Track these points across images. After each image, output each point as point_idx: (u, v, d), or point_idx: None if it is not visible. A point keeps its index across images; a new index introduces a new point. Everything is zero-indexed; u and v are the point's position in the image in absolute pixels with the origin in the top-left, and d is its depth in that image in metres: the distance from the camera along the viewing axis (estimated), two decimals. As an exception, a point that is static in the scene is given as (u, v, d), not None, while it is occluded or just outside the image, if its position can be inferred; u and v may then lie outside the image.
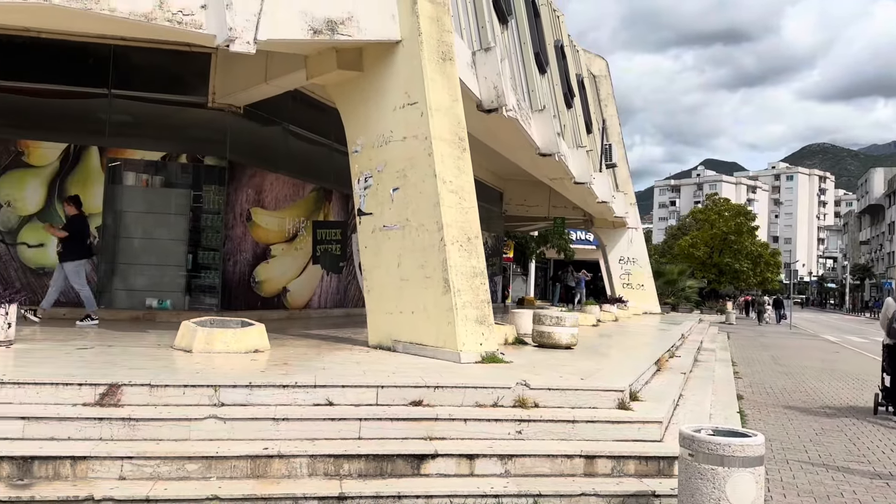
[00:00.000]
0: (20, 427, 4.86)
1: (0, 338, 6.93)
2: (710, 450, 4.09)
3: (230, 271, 11.88)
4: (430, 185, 7.81)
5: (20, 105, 10.83)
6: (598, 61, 26.81)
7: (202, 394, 5.38)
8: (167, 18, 6.94)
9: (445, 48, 8.15)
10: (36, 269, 10.78)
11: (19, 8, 7.15)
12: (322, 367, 6.59)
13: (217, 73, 11.21)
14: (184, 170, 11.81)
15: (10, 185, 10.74)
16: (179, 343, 7.46)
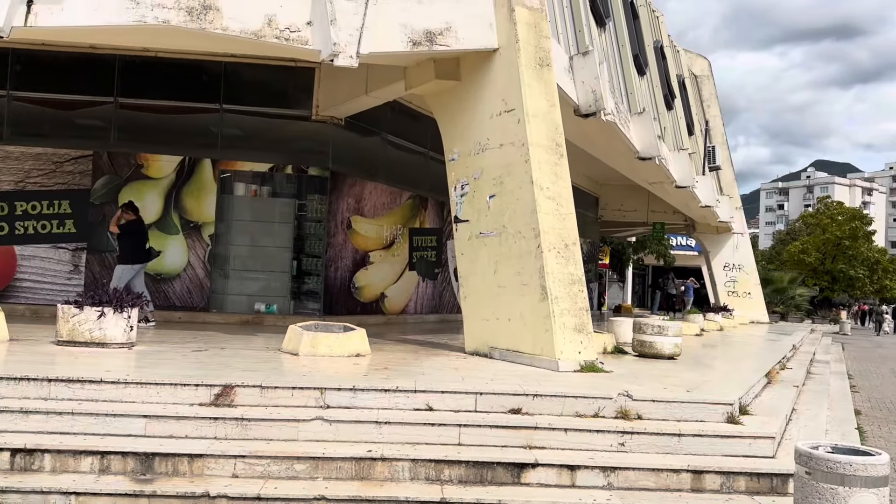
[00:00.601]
0: (142, 425, 5.19)
1: (122, 340, 7.42)
2: (830, 468, 3.86)
3: (332, 277, 12.25)
4: (526, 191, 7.78)
5: (140, 120, 11.60)
6: (699, 61, 25.93)
7: (309, 396, 5.57)
8: (275, 35, 7.27)
9: (543, 54, 8.11)
10: (154, 275, 11.49)
11: (141, 29, 7.66)
12: (421, 373, 6.68)
13: (320, 87, 11.62)
14: (289, 180, 12.30)
15: (131, 195, 11.48)
16: (287, 346, 7.76)
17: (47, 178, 11.35)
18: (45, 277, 11.26)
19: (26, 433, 5.01)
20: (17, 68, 11.24)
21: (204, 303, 11.63)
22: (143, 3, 7.26)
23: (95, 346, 7.18)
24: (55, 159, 11.35)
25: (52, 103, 11.36)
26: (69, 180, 11.37)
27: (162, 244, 11.50)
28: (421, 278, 14.64)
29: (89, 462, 4.83)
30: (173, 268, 11.57)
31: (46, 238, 11.27)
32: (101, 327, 7.20)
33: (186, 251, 11.60)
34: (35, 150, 11.31)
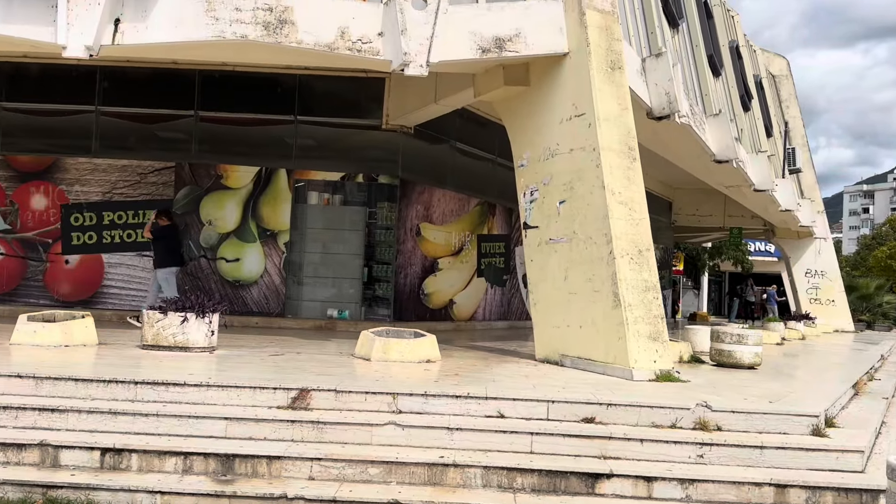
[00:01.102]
0: (223, 426, 5.36)
1: (204, 344, 7.70)
2: (929, 487, 3.64)
3: (401, 284, 12.38)
4: (598, 196, 7.67)
5: (219, 133, 12.03)
6: (777, 60, 25.01)
7: (382, 401, 5.64)
8: (348, 47, 7.42)
9: (614, 57, 8.00)
10: (233, 282, 11.88)
11: (220, 44, 7.96)
12: (492, 380, 6.66)
13: (390, 96, 11.78)
14: (359, 188, 12.52)
15: (212, 205, 11.94)
16: (359, 351, 7.88)
17: (132, 189, 11.90)
18: (130, 284, 11.80)
19: (115, 433, 5.25)
20: (104, 85, 11.84)
21: (280, 308, 11.94)
22: (222, 18, 7.54)
23: (178, 350, 7.47)
24: (140, 171, 11.90)
25: (136, 117, 11.92)
26: (153, 191, 11.90)
27: (240, 252, 11.88)
28: (489, 285, 14.62)
29: (173, 462, 5.01)
30: (251, 275, 11.93)
31: (131, 246, 11.81)
32: (184, 332, 7.49)
33: (263, 258, 11.95)
34: (121, 162, 11.89)
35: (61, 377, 5.67)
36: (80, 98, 11.75)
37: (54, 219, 11.81)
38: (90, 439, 5.11)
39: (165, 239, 10.63)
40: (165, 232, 10.71)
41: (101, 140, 11.86)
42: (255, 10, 7.46)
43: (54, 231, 11.81)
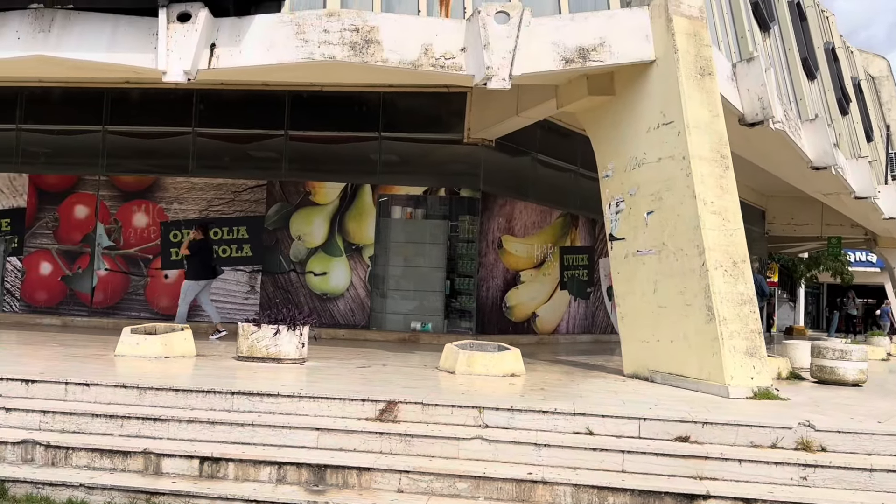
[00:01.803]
0: (315, 437, 5.48)
1: (295, 356, 7.91)
2: None
3: (483, 297, 12.37)
4: (688, 206, 7.44)
5: (308, 151, 12.41)
6: (876, 61, 23.68)
7: (468, 415, 5.63)
8: (431, 64, 7.52)
9: (704, 63, 7.77)
10: (321, 295, 12.18)
11: (309, 65, 8.22)
12: (579, 395, 6.55)
13: (472, 110, 11.85)
14: (441, 202, 12.62)
15: (301, 221, 12.30)
16: (444, 364, 7.91)
17: (227, 206, 12.41)
18: (225, 297, 12.28)
19: (213, 442, 5.45)
20: (200, 107, 12.43)
21: (365, 321, 12.15)
22: (311, 41, 7.80)
23: (271, 362, 7.71)
24: (234, 189, 12.40)
25: (230, 138, 12.45)
26: (246, 208, 12.37)
27: (327, 266, 12.18)
28: (572, 297, 14.40)
29: (268, 472, 5.16)
30: (337, 288, 12.21)
31: (227, 261, 12.30)
32: (277, 344, 7.72)
33: (349, 272, 12.20)
34: (216, 180, 12.43)
35: (163, 387, 5.94)
36: (178, 120, 12.38)
37: (154, 235, 12.45)
38: (190, 448, 5.32)
39: (201, 252, 10.85)
40: (199, 245, 10.91)
41: (197, 160, 12.45)
42: (342, 31, 7.68)
43: (154, 247, 12.45)
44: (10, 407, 5.75)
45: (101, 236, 12.51)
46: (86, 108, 12.46)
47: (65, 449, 5.34)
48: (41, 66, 9.25)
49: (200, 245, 10.82)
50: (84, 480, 5.02)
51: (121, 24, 8.41)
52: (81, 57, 8.45)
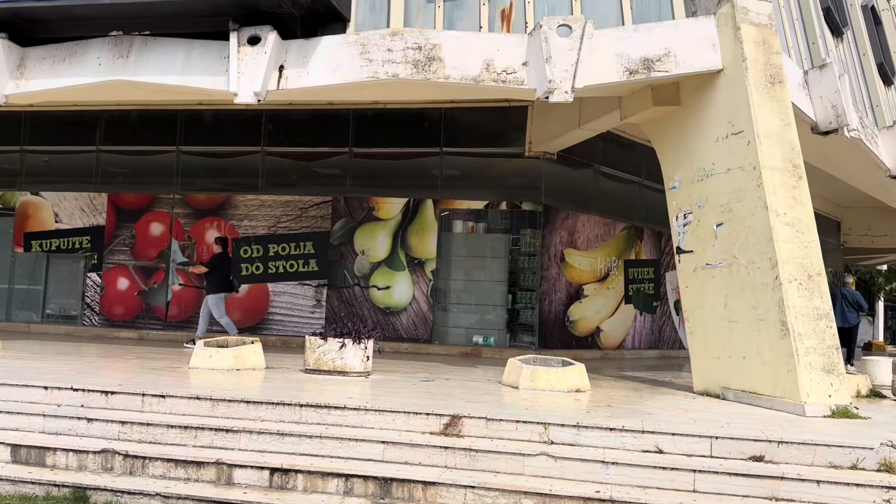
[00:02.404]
0: (381, 450, 5.53)
1: (360, 369, 8.02)
2: None
3: (546, 311, 12.27)
4: (760, 218, 7.23)
5: (371, 167, 12.62)
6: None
7: (532, 430, 5.59)
8: (493, 79, 7.56)
9: (774, 71, 7.56)
10: (384, 309, 12.32)
11: (373, 84, 8.38)
12: (647, 412, 6.41)
13: (533, 124, 11.83)
14: (503, 216, 12.61)
15: (364, 236, 12.50)
16: (507, 379, 7.88)
17: (294, 222, 12.72)
18: (292, 311, 12.56)
19: (282, 454, 5.57)
20: (269, 127, 12.81)
21: (427, 335, 12.21)
22: (374, 60, 7.96)
23: (337, 375, 7.84)
24: (301, 205, 12.71)
25: (297, 156, 12.78)
26: (312, 224, 12.66)
27: (390, 280, 12.32)
28: (638, 312, 14.13)
29: (335, 484, 5.23)
30: (400, 302, 12.33)
31: (294, 276, 12.60)
32: (342, 357, 7.85)
33: (412, 286, 12.31)
34: (284, 198, 12.76)
35: (234, 399, 6.11)
36: (248, 140, 12.79)
37: (226, 251, 12.85)
38: (260, 459, 5.45)
39: (221, 266, 11.06)
40: (220, 259, 11.12)
41: (266, 178, 12.82)
42: (405, 49, 7.81)
43: (225, 263, 12.85)
44: (92, 417, 6.01)
45: (175, 252, 13.00)
46: (161, 130, 13.01)
47: (142, 459, 5.55)
48: (120, 90, 9.72)
49: (220, 259, 11.09)
50: (160, 490, 5.21)
51: (194, 49, 8.78)
52: (157, 81, 8.85)
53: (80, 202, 13.42)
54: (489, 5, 8.83)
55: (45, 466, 5.63)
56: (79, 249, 13.36)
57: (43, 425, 6.03)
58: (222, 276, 11.00)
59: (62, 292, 13.52)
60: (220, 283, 10.95)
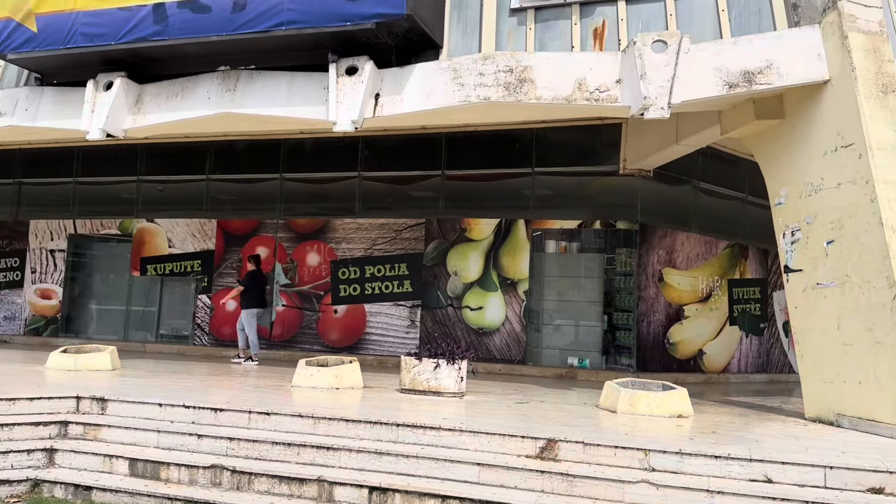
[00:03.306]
0: (476, 472, 5.53)
1: (454, 390, 8.06)
2: None
3: (644, 332, 11.94)
4: (875, 235, 6.80)
5: (463, 189, 12.77)
6: None
7: (632, 456, 5.45)
8: (585, 98, 7.52)
9: (886, 80, 7.13)
10: (477, 329, 12.35)
11: (465, 108, 8.51)
12: (755, 439, 6.12)
13: (627, 141, 11.64)
14: (597, 235, 12.42)
15: (457, 257, 12.62)
16: (604, 403, 7.71)
17: (389, 244, 13.01)
18: (388, 332, 12.81)
19: (380, 472, 5.67)
20: (365, 153, 13.21)
21: (521, 356, 12.14)
22: (466, 84, 8.08)
23: (432, 395, 7.91)
24: (395, 228, 12.99)
25: (392, 180, 13.10)
26: (406, 246, 12.90)
27: (483, 300, 12.36)
28: (744, 334, 13.52)
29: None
30: (493, 322, 12.33)
31: (389, 297, 12.86)
32: (437, 378, 7.93)
33: (504, 307, 12.29)
34: (379, 220, 13.09)
35: (334, 418, 6.28)
36: (345, 166, 13.23)
37: (325, 273, 13.29)
38: (360, 477, 5.57)
39: (255, 283, 11.64)
40: (254, 276, 11.71)
41: (362, 202, 13.20)
42: (496, 72, 7.90)
43: (325, 284, 13.28)
44: (202, 433, 6.33)
45: (278, 275, 13.55)
46: (265, 158, 13.66)
47: (248, 475, 5.78)
48: (228, 122, 10.31)
49: (254, 277, 11.73)
50: (266, 504, 5.41)
51: (296, 80, 9.21)
52: (262, 112, 9.32)
53: (191, 228, 14.25)
54: (581, 25, 8.81)
55: (160, 480, 5.96)
56: (190, 273, 14.16)
57: (158, 440, 6.40)
58: (256, 293, 11.64)
59: (175, 313, 14.35)
60: (253, 298, 11.60)
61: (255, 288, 11.67)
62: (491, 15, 9.22)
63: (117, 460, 6.15)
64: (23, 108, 10.72)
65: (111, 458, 6.17)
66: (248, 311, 11.57)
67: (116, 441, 6.46)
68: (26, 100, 10.76)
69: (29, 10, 10.31)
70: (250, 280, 11.71)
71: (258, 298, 11.69)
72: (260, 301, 11.75)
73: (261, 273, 12.01)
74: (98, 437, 6.54)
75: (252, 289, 11.61)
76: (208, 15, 9.26)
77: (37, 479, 6.03)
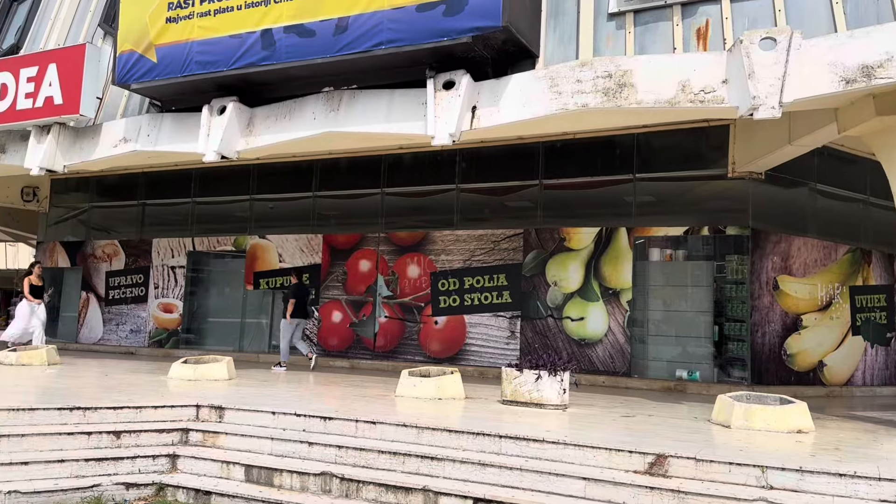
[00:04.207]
0: (581, 487, 5.43)
1: (557, 402, 7.95)
2: None
3: (758, 343, 11.36)
4: None
5: (562, 198, 12.63)
6: None
7: (748, 473, 5.19)
8: (689, 100, 7.28)
9: None
10: (578, 341, 12.15)
11: (564, 116, 8.44)
12: (883, 457, 5.68)
13: (736, 143, 11.15)
14: (705, 242, 11.95)
15: (556, 267, 12.47)
16: (716, 417, 7.39)
17: (487, 255, 13.04)
18: (487, 342, 12.81)
19: (484, 484, 5.67)
20: (462, 165, 13.33)
21: (625, 368, 11.83)
22: (564, 92, 8.01)
23: (534, 407, 7.84)
24: (493, 239, 13.01)
25: (489, 191, 13.14)
26: (504, 256, 12.89)
27: (584, 311, 12.14)
28: (869, 344, 12.61)
29: (537, 517, 5.21)
30: (595, 333, 12.09)
31: (488, 308, 12.87)
32: (539, 389, 7.85)
33: (607, 317, 12.02)
34: (478, 232, 13.15)
35: (438, 428, 6.34)
36: (443, 179, 13.40)
37: (425, 285, 13.47)
38: (463, 488, 5.58)
39: (296, 295, 12.51)
40: (296, 289, 12.64)
41: (461, 214, 13.31)
42: (594, 79, 7.79)
43: (425, 296, 13.46)
44: (312, 441, 6.54)
45: (381, 287, 13.86)
46: (367, 174, 14.04)
47: (356, 482, 5.93)
48: (332, 140, 10.69)
49: (297, 289, 12.62)
50: (373, 512, 5.52)
51: (395, 97, 9.43)
52: (364, 130, 9.61)
53: (299, 243, 14.82)
54: (682, 26, 8.54)
55: (273, 486, 6.21)
56: (298, 286, 14.72)
57: (271, 448, 6.67)
58: (299, 304, 12.54)
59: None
60: (296, 309, 12.51)
61: (296, 299, 12.59)
62: (588, 21, 9.11)
63: (234, 466, 6.45)
64: (145, 133, 11.53)
65: (228, 465, 6.48)
66: (286, 321, 12.56)
67: (233, 448, 6.79)
68: (148, 126, 11.58)
69: (150, 42, 11.11)
70: (295, 292, 12.64)
71: (299, 309, 12.61)
72: (301, 312, 12.71)
73: (302, 285, 13.04)
74: (216, 443, 6.88)
75: (295, 300, 12.55)
76: (313, 38, 9.66)
77: (161, 484, 6.41)
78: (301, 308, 12.69)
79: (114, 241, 16.85)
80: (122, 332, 16.45)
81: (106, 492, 6.20)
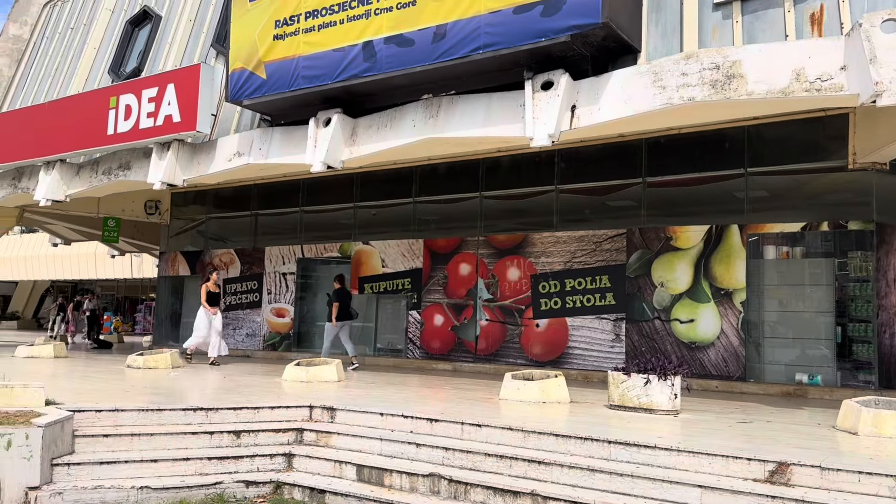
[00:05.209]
0: (697, 495, 5.24)
1: (668, 407, 7.70)
2: None
3: (886, 345, 10.58)
4: None
5: (667, 196, 12.23)
6: None
7: (880, 483, 4.85)
8: (804, 89, 6.90)
9: None
10: (688, 343, 11.72)
11: (666, 111, 8.16)
12: None
13: (856, 132, 10.44)
14: (824, 238, 11.26)
15: (662, 267, 12.09)
16: (842, 424, 6.95)
17: (589, 256, 12.82)
18: (591, 346, 12.58)
19: (594, 490, 5.57)
20: (561, 166, 13.17)
21: (740, 372, 11.31)
22: (668, 87, 7.77)
23: (643, 412, 7.63)
24: (595, 240, 12.77)
25: (589, 191, 12.91)
26: (607, 257, 12.63)
27: (694, 312, 11.71)
28: None
29: (651, 525, 5.07)
30: (706, 336, 11.63)
31: (591, 310, 12.64)
32: (648, 394, 7.63)
33: (719, 319, 11.54)
34: (578, 233, 12.95)
35: (544, 432, 6.29)
36: (542, 180, 13.29)
37: (526, 288, 13.40)
38: (573, 493, 5.51)
39: (340, 299, 13.03)
40: (339, 294, 13.11)
41: (560, 215, 13.16)
42: (701, 71, 7.51)
43: (526, 298, 13.38)
44: (420, 443, 6.65)
45: (481, 290, 13.91)
46: (465, 178, 14.14)
47: (464, 485, 5.97)
48: (431, 146, 10.82)
49: (340, 293, 13.15)
50: (482, 515, 5.54)
51: (493, 101, 9.45)
52: (463, 134, 9.68)
53: (401, 248, 15.11)
54: (794, 11, 8.10)
55: (384, 486, 6.35)
56: (401, 290, 14.99)
57: (380, 448, 6.83)
58: (343, 307, 13.10)
59: (389, 328, 15.29)
60: (341, 312, 13.02)
61: (339, 302, 13.09)
62: (693, 12, 8.81)
63: (346, 466, 6.65)
64: (257, 147, 12.10)
65: (341, 464, 6.69)
66: (331, 324, 13.03)
67: (345, 448, 7.00)
68: (259, 140, 12.15)
69: (259, 59, 11.66)
70: (338, 297, 13.13)
71: (343, 312, 13.14)
72: (346, 315, 13.25)
73: (345, 290, 13.51)
74: (329, 443, 7.12)
75: (339, 304, 13.06)
76: (412, 48, 9.83)
77: (278, 482, 6.70)
78: (345, 311, 13.25)
79: (230, 250, 17.78)
80: (238, 336, 17.31)
81: (227, 489, 6.54)
